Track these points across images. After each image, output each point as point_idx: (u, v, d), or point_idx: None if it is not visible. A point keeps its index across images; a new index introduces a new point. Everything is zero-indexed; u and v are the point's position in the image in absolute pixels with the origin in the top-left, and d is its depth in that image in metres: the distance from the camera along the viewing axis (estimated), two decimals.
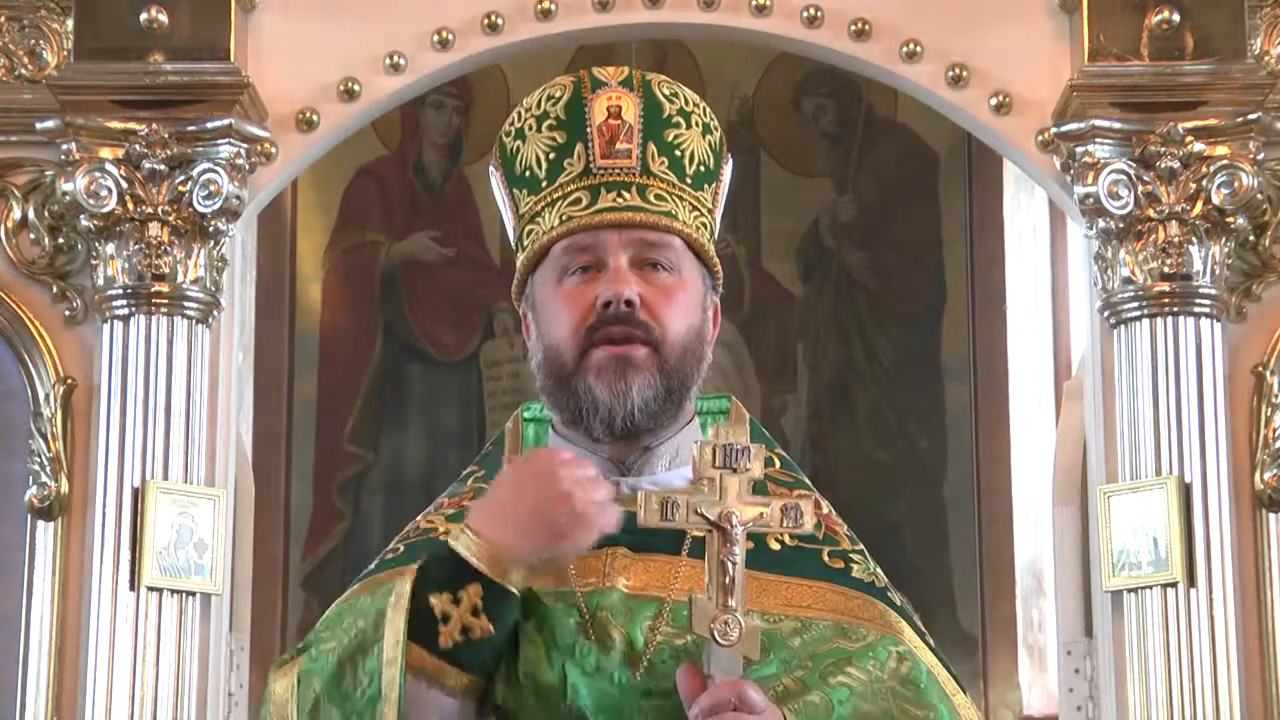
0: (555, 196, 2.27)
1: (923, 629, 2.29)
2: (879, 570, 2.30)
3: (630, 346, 2.20)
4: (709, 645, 2.08)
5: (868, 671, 2.18)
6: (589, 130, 2.26)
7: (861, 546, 2.32)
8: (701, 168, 2.30)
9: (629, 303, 2.20)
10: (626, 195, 2.25)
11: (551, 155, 2.28)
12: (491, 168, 2.38)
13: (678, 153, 2.28)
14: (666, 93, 2.30)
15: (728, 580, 2.08)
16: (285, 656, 2.23)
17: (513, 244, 2.36)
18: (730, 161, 2.37)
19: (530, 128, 2.30)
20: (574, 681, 2.14)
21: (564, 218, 2.25)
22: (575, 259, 2.24)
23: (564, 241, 2.25)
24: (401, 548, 2.31)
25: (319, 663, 2.14)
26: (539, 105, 2.30)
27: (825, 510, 2.33)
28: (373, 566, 2.32)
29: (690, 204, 2.28)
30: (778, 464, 2.35)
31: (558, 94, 2.30)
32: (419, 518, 2.36)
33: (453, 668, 2.10)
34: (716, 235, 2.35)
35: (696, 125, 2.30)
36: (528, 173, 2.30)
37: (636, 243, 2.24)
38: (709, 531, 2.10)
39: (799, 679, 2.16)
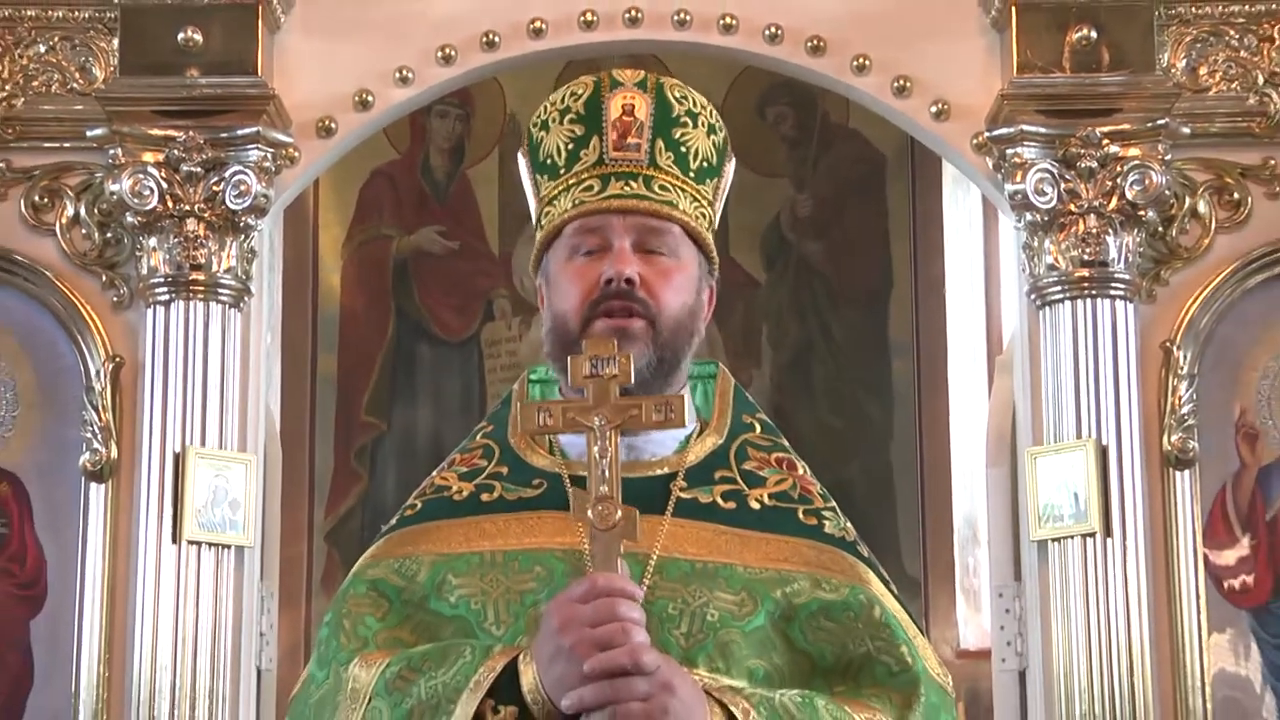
0: (571, 182, 2.26)
1: (887, 578, 2.27)
2: (849, 525, 2.28)
3: (628, 320, 2.19)
4: (590, 531, 2.03)
5: (844, 622, 2.16)
6: (604, 125, 2.25)
7: (834, 504, 2.29)
8: (705, 164, 2.28)
9: (629, 281, 2.19)
10: (634, 185, 2.23)
11: (570, 146, 2.26)
12: (520, 154, 2.36)
13: (683, 149, 2.26)
14: (677, 95, 2.29)
15: (602, 473, 2.04)
16: (369, 650, 2.18)
17: (534, 223, 2.34)
18: (733, 161, 2.35)
19: (554, 120, 2.29)
20: None
21: (577, 202, 2.24)
22: (585, 240, 2.23)
23: (575, 223, 2.24)
24: (419, 504, 2.30)
25: (395, 698, 2.09)
26: (563, 100, 2.29)
27: (801, 471, 2.30)
28: (394, 522, 2.30)
29: (691, 196, 2.26)
30: (758, 429, 2.33)
31: (580, 91, 2.28)
32: (434, 473, 2.34)
33: None
34: (716, 226, 2.33)
35: (703, 125, 2.29)
36: (549, 160, 2.29)
37: (639, 228, 2.22)
38: (588, 431, 2.06)
39: (799, 668, 2.13)
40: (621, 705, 1.94)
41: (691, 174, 2.27)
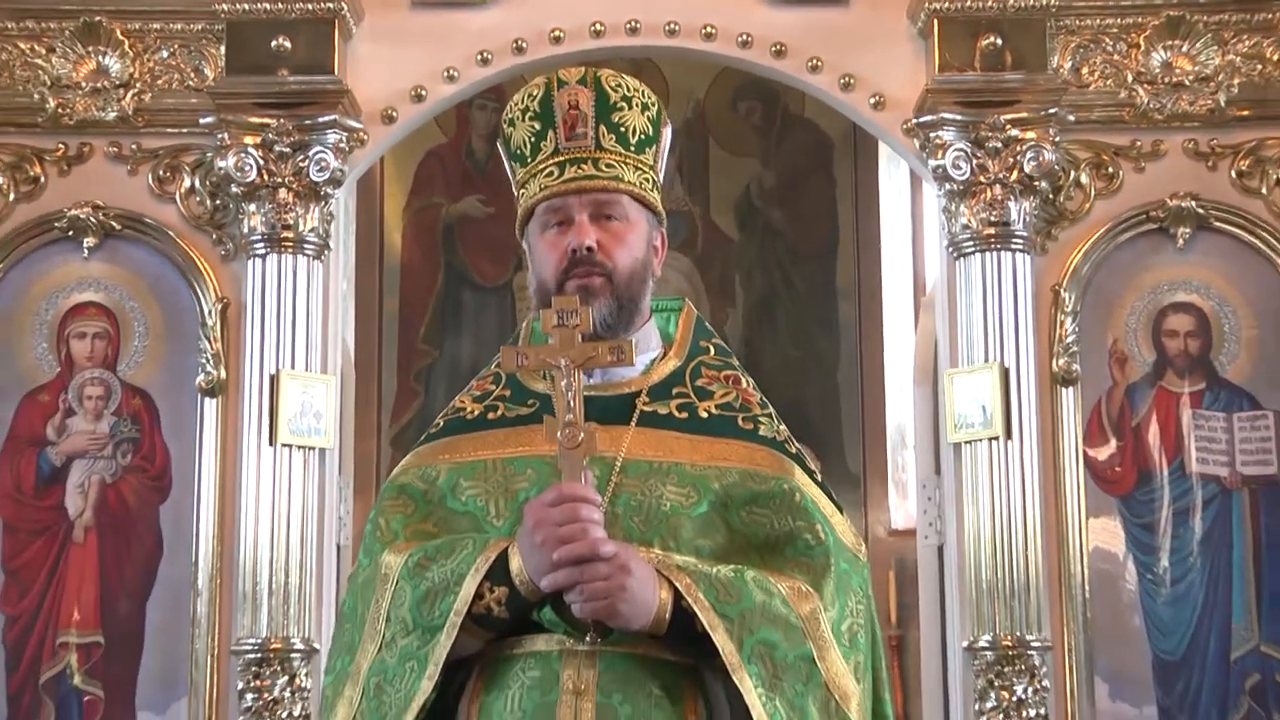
0: (537, 169, 2.23)
1: (813, 469, 2.24)
2: (782, 427, 2.25)
3: (590, 279, 2.18)
4: (560, 451, 2.03)
5: (771, 507, 2.15)
6: (556, 120, 2.22)
7: (771, 410, 2.26)
8: (642, 136, 2.24)
9: (589, 249, 2.18)
10: (585, 167, 2.20)
11: (532, 139, 2.23)
12: (499, 144, 2.33)
13: (622, 129, 2.22)
14: (613, 84, 2.24)
15: (568, 402, 2.04)
16: (399, 541, 2.19)
17: (515, 199, 2.32)
18: (669, 126, 2.31)
19: (518, 118, 2.25)
20: None
21: (542, 186, 2.21)
22: (552, 217, 2.21)
23: (543, 204, 2.22)
24: (441, 422, 2.29)
25: (415, 581, 2.11)
26: (523, 101, 2.25)
27: (745, 385, 2.27)
28: (423, 438, 2.30)
29: (634, 166, 2.22)
30: (712, 351, 2.29)
31: (535, 92, 2.24)
32: (455, 399, 2.33)
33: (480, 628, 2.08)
34: (662, 180, 2.30)
35: (636, 105, 2.24)
36: (519, 151, 2.26)
37: (593, 202, 2.19)
38: (555, 370, 2.08)
39: (731, 550, 2.12)
40: (587, 584, 1.99)
41: (632, 148, 2.22)
